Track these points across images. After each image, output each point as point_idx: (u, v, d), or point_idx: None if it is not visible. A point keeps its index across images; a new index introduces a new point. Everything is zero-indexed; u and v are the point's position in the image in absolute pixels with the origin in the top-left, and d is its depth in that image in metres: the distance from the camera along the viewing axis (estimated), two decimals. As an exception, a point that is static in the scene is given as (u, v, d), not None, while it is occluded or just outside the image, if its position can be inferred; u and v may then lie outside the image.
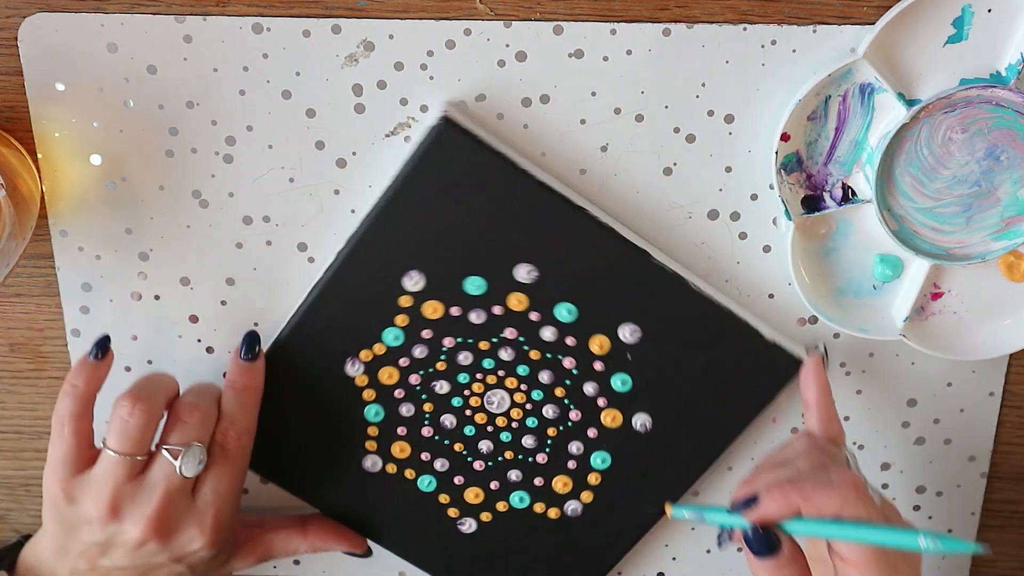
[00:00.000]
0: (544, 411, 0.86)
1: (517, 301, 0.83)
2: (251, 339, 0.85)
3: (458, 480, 0.90)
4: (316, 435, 0.89)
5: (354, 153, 0.82)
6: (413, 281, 0.83)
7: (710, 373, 0.85)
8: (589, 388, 0.85)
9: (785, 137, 0.79)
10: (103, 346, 0.81)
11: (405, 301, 0.83)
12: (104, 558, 0.81)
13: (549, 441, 0.87)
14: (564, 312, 0.83)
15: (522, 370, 0.85)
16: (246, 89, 0.80)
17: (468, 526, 0.91)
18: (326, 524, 0.91)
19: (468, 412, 0.87)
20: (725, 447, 0.88)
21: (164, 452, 0.80)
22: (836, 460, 0.79)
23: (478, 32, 0.78)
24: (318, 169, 0.82)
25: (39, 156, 0.81)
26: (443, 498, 0.90)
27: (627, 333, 0.84)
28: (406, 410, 0.87)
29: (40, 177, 0.82)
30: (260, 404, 0.85)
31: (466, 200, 0.80)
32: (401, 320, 0.84)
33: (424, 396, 0.87)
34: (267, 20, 0.78)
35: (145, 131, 0.81)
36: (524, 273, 0.82)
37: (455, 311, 0.83)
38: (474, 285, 0.83)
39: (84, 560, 0.81)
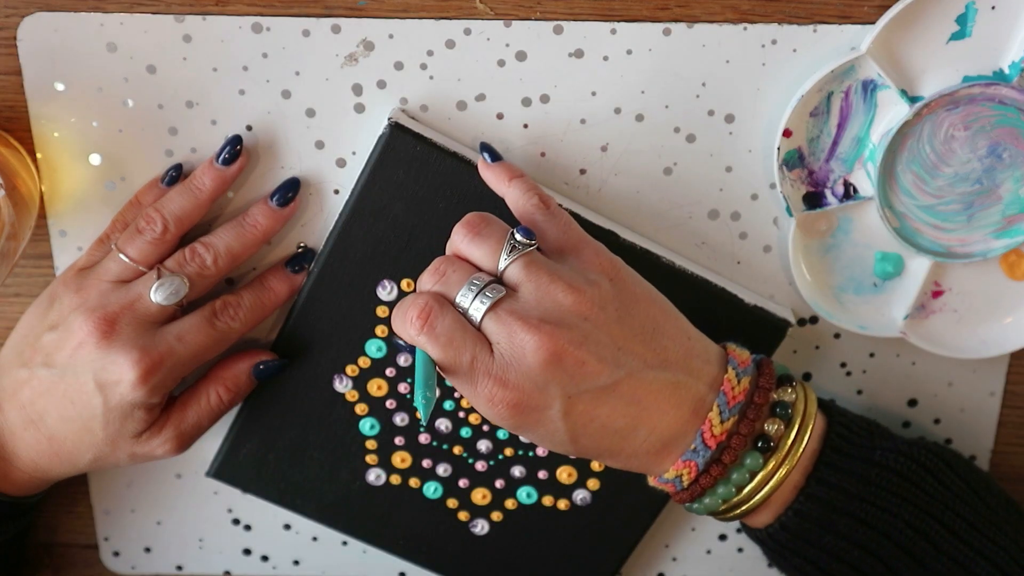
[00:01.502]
0: None
1: None
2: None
3: (463, 483, 0.89)
4: (317, 456, 0.88)
5: (354, 153, 0.82)
6: (387, 290, 0.83)
7: None
8: None
9: (787, 133, 0.79)
10: (176, 174, 0.81)
11: (382, 311, 0.83)
12: (43, 366, 0.79)
13: None
14: None
15: None
16: (246, 89, 0.80)
17: (480, 528, 0.91)
18: (225, 361, 0.85)
19: (461, 414, 0.87)
20: None
21: (155, 270, 0.79)
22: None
23: (478, 32, 0.78)
24: (318, 169, 0.82)
25: (38, 156, 0.81)
26: (451, 503, 0.90)
27: None
28: (400, 419, 0.87)
29: (39, 177, 0.82)
30: (271, 313, 0.84)
31: (426, 203, 0.80)
32: (381, 331, 0.84)
33: (416, 403, 0.87)
34: (267, 20, 0.78)
35: (145, 131, 0.81)
36: None
37: None
38: None
39: (26, 369, 0.80)
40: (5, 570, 0.90)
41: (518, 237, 0.71)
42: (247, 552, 0.96)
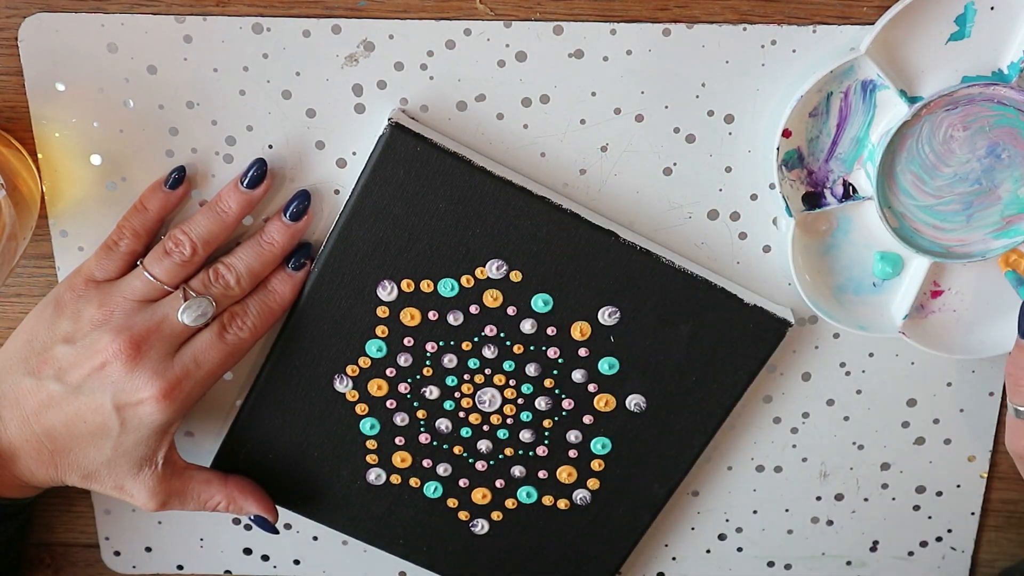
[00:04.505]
0: (537, 404, 0.86)
1: (492, 298, 0.83)
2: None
3: (463, 483, 0.89)
4: (318, 456, 0.89)
5: (354, 153, 0.82)
6: (387, 291, 0.83)
7: (695, 344, 0.84)
8: (577, 375, 0.85)
9: (787, 133, 0.79)
10: (179, 177, 0.81)
11: (382, 312, 0.83)
12: (54, 379, 0.79)
13: (547, 433, 0.87)
14: (540, 303, 0.83)
15: (508, 366, 0.85)
16: (246, 89, 0.80)
17: (480, 527, 0.91)
18: (246, 482, 0.88)
19: (462, 414, 0.87)
20: (724, 417, 0.87)
21: (181, 290, 0.80)
22: None
23: (478, 32, 0.78)
24: (318, 169, 0.82)
25: (39, 156, 0.81)
26: (451, 502, 0.90)
27: (606, 316, 0.83)
28: (400, 419, 0.87)
29: (40, 177, 0.82)
30: (280, 316, 0.84)
31: (427, 203, 0.80)
32: (381, 331, 0.84)
33: (416, 403, 0.87)
34: (267, 20, 0.78)
35: (145, 131, 0.81)
36: (495, 269, 0.82)
37: (432, 315, 0.83)
38: (447, 287, 0.82)
39: (33, 379, 0.80)
40: (4, 569, 0.90)
41: None
42: (247, 551, 0.96)
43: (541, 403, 0.86)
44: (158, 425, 0.80)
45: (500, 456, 0.88)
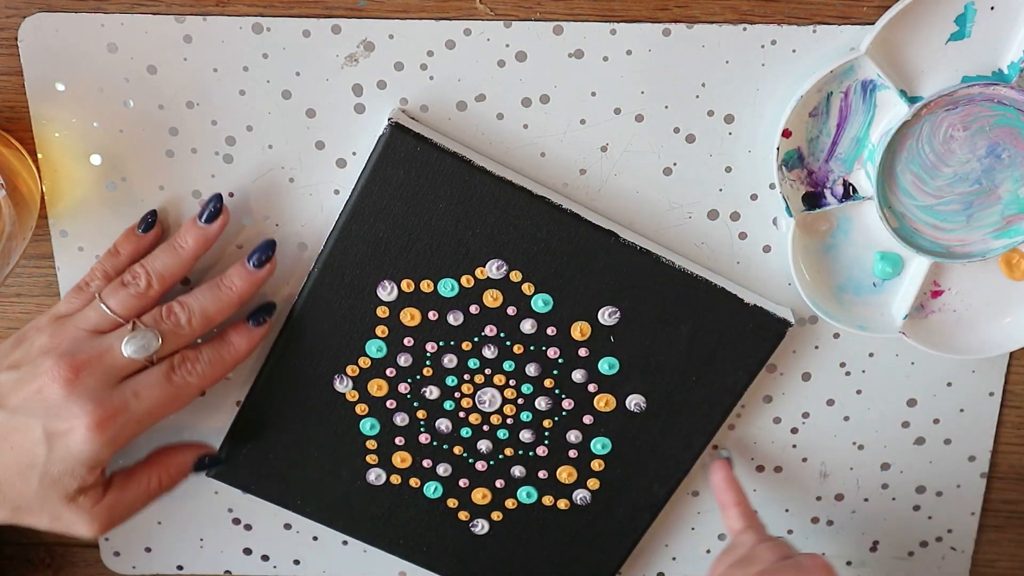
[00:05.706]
0: (536, 404, 0.86)
1: (492, 298, 0.83)
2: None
3: (463, 483, 0.89)
4: (318, 456, 0.89)
5: (354, 153, 0.82)
6: (387, 291, 0.83)
7: (695, 345, 0.84)
8: (578, 375, 0.85)
9: (787, 133, 0.79)
10: (151, 221, 0.82)
11: (382, 312, 0.83)
12: None
13: (547, 433, 0.87)
14: (540, 303, 0.83)
15: (508, 366, 0.85)
16: (246, 89, 0.80)
17: (480, 527, 0.91)
18: (165, 447, 0.86)
19: (462, 414, 0.87)
20: (724, 417, 0.87)
21: (131, 323, 0.79)
22: (790, 547, 0.82)
23: (478, 32, 0.78)
24: (318, 169, 0.82)
25: (39, 156, 0.81)
26: (451, 502, 0.90)
27: (606, 316, 0.83)
28: (400, 420, 0.87)
29: (40, 177, 0.82)
30: (232, 369, 0.83)
31: (427, 203, 0.80)
32: (381, 331, 0.84)
33: (416, 404, 0.87)
34: (267, 20, 0.78)
35: (145, 131, 0.81)
36: (495, 269, 0.82)
37: (432, 315, 0.83)
38: (447, 287, 0.83)
39: None
40: None
41: None
42: (247, 552, 0.96)
43: (541, 403, 0.86)
44: (87, 457, 0.77)
45: (500, 456, 0.88)
